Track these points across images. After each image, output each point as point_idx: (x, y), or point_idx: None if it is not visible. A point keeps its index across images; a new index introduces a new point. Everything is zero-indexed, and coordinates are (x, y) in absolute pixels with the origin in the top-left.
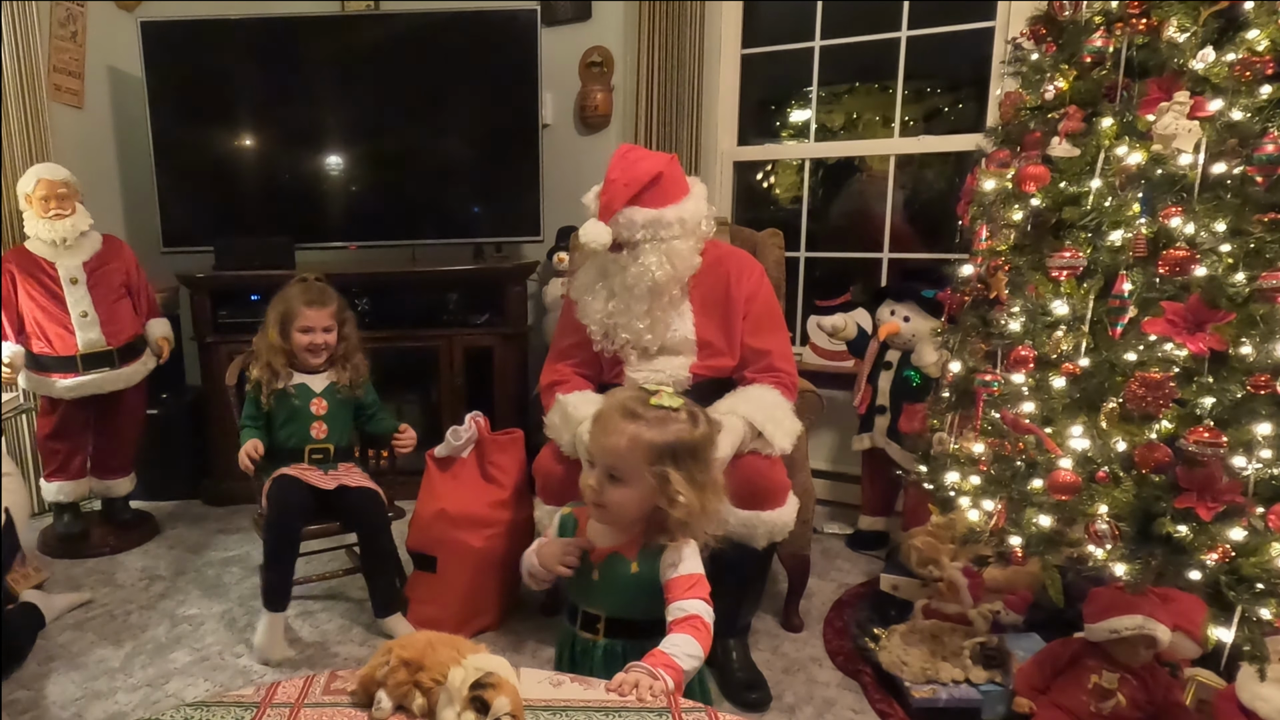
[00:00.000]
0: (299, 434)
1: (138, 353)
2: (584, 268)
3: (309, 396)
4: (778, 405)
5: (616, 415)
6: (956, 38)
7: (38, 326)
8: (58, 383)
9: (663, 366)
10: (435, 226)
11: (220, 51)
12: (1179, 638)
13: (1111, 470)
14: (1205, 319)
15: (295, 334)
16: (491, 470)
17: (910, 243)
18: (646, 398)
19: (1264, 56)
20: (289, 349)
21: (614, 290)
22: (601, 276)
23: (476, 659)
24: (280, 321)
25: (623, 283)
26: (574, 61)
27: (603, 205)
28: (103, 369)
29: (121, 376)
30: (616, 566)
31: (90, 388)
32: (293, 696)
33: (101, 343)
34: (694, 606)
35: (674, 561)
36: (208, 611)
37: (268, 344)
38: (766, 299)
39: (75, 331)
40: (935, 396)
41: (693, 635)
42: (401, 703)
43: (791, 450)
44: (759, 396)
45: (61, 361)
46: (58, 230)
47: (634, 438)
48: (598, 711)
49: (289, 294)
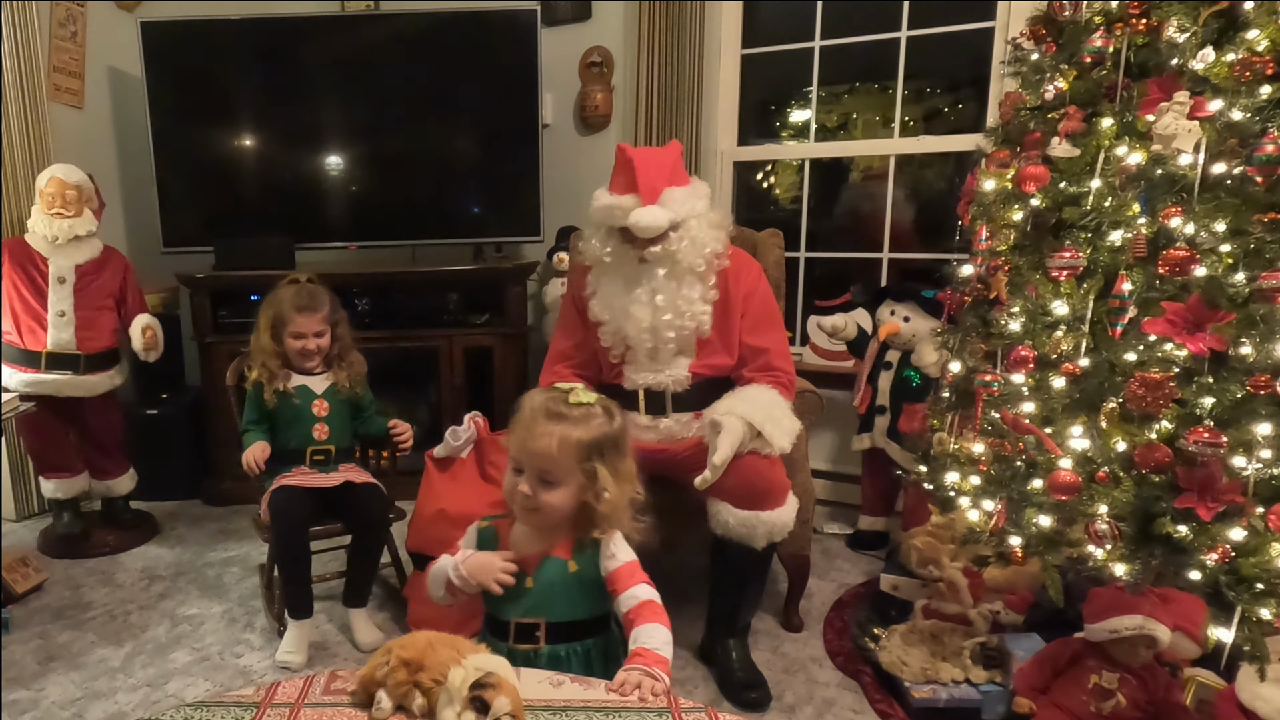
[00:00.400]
0: (300, 435)
1: (107, 365)
2: (604, 286)
3: (310, 398)
4: (776, 404)
5: (540, 418)
6: (956, 38)
7: (13, 317)
8: (15, 374)
9: (663, 366)
10: (435, 226)
11: (220, 51)
12: (1179, 638)
13: (1111, 470)
14: (1205, 319)
15: (287, 339)
16: (491, 470)
17: (908, 241)
18: (564, 396)
19: (1264, 56)
20: (282, 351)
21: (656, 288)
22: (633, 284)
23: (476, 659)
24: (271, 325)
25: (672, 273)
26: (574, 61)
27: (645, 189)
28: (65, 372)
29: (83, 384)
30: (552, 569)
31: (46, 388)
32: (293, 696)
33: (71, 346)
34: (644, 592)
35: (611, 553)
36: (208, 611)
37: (260, 346)
38: (764, 297)
39: (48, 329)
40: (935, 396)
41: (659, 622)
42: (401, 703)
43: (790, 449)
44: (757, 396)
45: (25, 355)
46: (54, 228)
47: (563, 438)
48: (598, 711)
49: (279, 297)
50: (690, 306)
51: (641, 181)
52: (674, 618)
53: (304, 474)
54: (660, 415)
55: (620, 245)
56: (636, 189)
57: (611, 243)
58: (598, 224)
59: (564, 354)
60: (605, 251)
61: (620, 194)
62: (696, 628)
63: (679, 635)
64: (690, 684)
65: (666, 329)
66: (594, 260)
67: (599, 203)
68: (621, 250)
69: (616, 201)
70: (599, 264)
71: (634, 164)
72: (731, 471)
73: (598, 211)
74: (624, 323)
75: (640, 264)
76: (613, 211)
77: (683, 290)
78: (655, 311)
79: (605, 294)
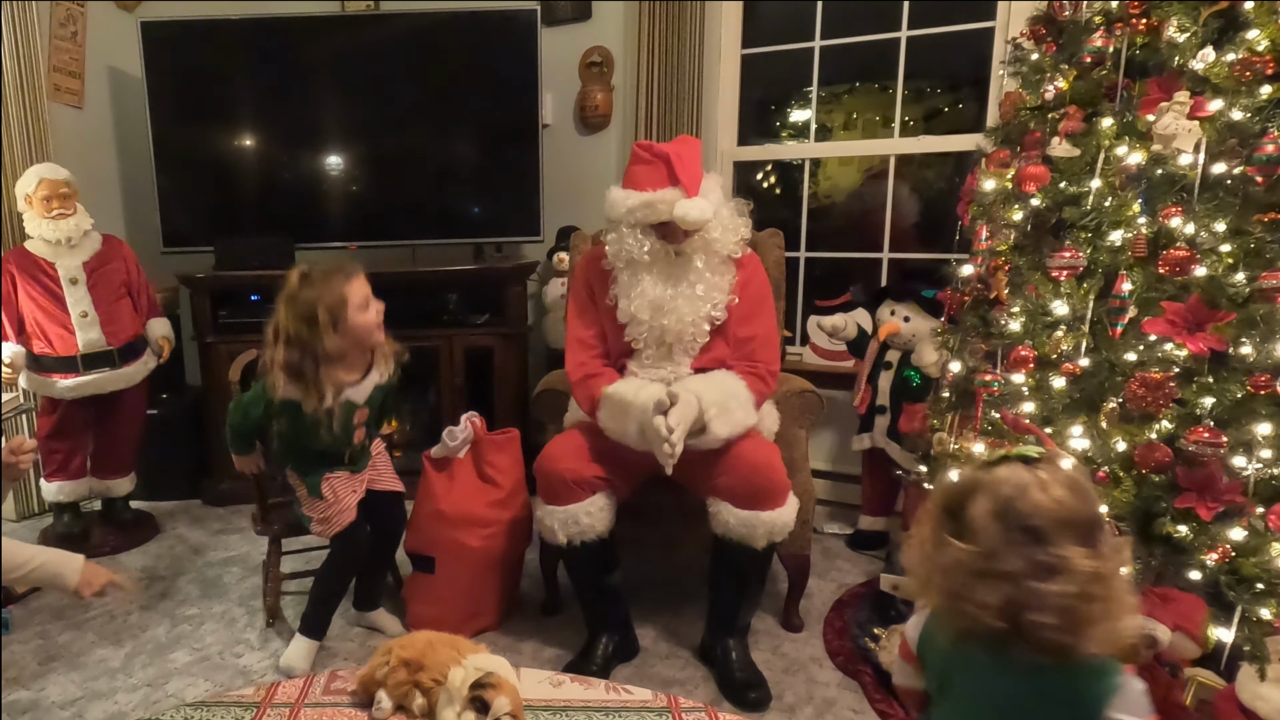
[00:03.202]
0: (341, 441)
1: (138, 352)
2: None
3: (352, 411)
4: (735, 395)
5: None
6: (956, 38)
7: (38, 327)
8: (59, 383)
9: (670, 362)
10: (435, 226)
11: (220, 51)
12: (1179, 638)
13: (1111, 470)
14: (1205, 319)
15: (353, 319)
16: (488, 470)
17: (908, 241)
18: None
19: (1264, 56)
20: (346, 345)
21: (695, 279)
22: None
23: (476, 659)
24: (332, 316)
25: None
26: (574, 61)
27: (688, 182)
28: (103, 369)
29: (122, 376)
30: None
31: (91, 388)
32: (293, 696)
33: (102, 342)
34: None
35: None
36: (208, 611)
37: (323, 353)
38: (759, 287)
39: (76, 331)
40: (935, 396)
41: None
42: (401, 703)
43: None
44: (721, 383)
45: (62, 362)
46: (62, 230)
47: None
48: (598, 711)
49: (327, 282)
50: (723, 295)
51: (683, 175)
52: (674, 618)
53: (347, 480)
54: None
55: (657, 242)
56: (677, 183)
57: (649, 240)
58: (632, 223)
59: (586, 343)
60: (644, 251)
61: (657, 189)
62: (696, 628)
63: (679, 635)
64: (690, 684)
65: (705, 321)
66: (627, 261)
67: (632, 200)
68: (658, 248)
69: (658, 196)
70: (631, 263)
71: (670, 158)
72: (731, 471)
73: (634, 210)
74: (666, 319)
75: (678, 258)
76: (655, 207)
77: (717, 279)
78: (696, 305)
79: (645, 293)
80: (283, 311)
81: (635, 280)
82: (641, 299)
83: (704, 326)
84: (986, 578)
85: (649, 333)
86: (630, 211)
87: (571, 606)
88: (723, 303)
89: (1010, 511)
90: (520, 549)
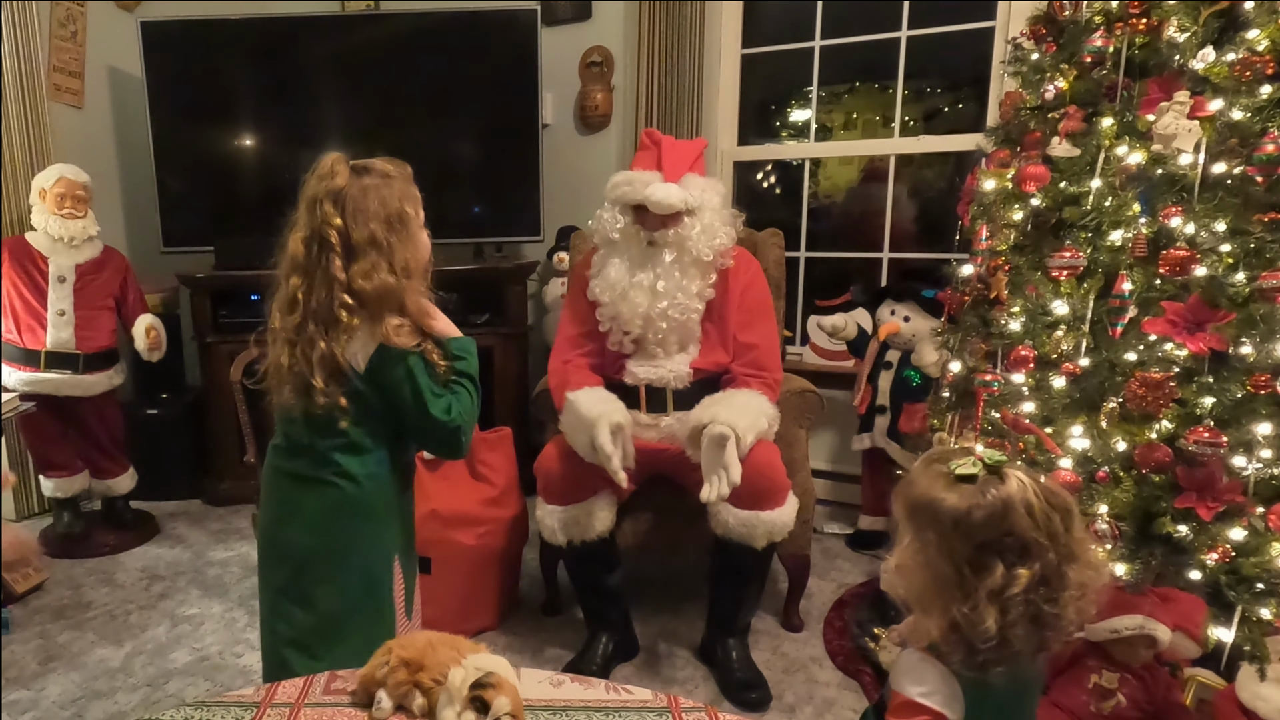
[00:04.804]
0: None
1: (106, 365)
2: (608, 266)
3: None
4: (763, 412)
5: None
6: (956, 38)
7: (13, 316)
8: (14, 373)
9: (664, 362)
10: (435, 226)
11: (220, 51)
12: (1179, 638)
13: (1111, 470)
14: (1205, 319)
15: (425, 240)
16: (481, 469)
17: (908, 241)
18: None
19: (1264, 56)
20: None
21: (660, 274)
22: (638, 267)
23: (476, 659)
24: (409, 226)
25: (679, 260)
26: (574, 61)
27: (668, 167)
28: (64, 371)
29: (81, 384)
30: None
31: (45, 387)
32: (293, 696)
33: (71, 345)
34: None
35: None
36: (208, 611)
37: (417, 304)
38: (760, 292)
39: (48, 328)
40: (935, 396)
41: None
42: (401, 703)
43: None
44: (746, 403)
45: (24, 354)
46: (69, 229)
47: None
48: (598, 711)
49: (389, 180)
50: (687, 300)
51: (666, 160)
52: (674, 618)
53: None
54: (661, 413)
55: (630, 225)
56: (660, 167)
57: (623, 220)
58: (613, 199)
59: (574, 341)
60: (615, 228)
61: (642, 170)
62: (696, 628)
63: (679, 635)
64: (690, 684)
65: (660, 319)
66: (601, 238)
67: (617, 178)
68: (631, 230)
69: (637, 175)
70: (606, 242)
71: (661, 145)
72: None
73: (615, 187)
74: (621, 306)
75: (648, 247)
76: (632, 184)
77: (684, 281)
78: (653, 298)
79: (608, 274)
80: (339, 215)
81: (606, 261)
82: (604, 280)
83: (659, 324)
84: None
85: (611, 320)
86: (613, 188)
87: (571, 606)
88: (686, 307)
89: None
90: (516, 547)
